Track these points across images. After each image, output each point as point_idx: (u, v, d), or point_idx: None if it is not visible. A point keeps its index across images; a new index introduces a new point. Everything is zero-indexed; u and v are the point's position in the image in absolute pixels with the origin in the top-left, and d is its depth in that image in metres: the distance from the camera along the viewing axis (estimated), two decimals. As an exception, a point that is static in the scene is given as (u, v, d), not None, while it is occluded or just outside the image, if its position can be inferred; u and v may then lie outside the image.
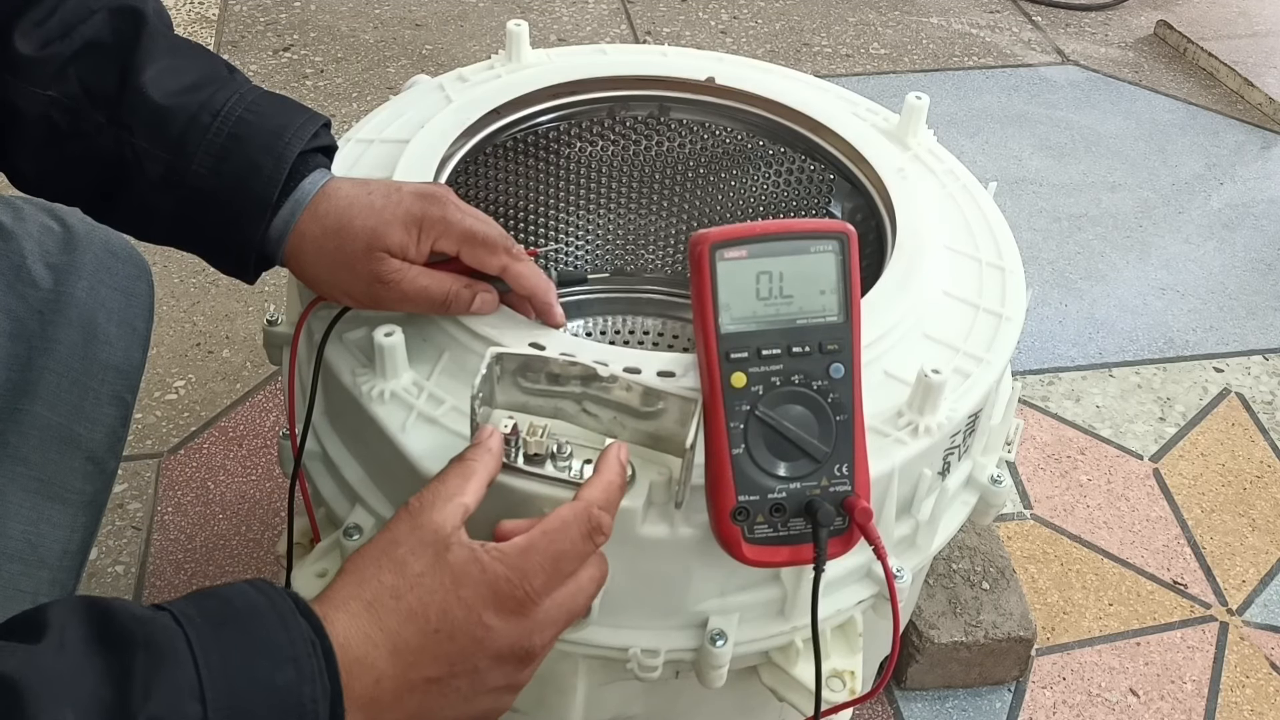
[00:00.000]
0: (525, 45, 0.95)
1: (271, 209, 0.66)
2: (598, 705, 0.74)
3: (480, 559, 0.52)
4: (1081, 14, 2.25)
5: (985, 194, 0.88)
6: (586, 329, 1.13)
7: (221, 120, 0.65)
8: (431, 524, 0.53)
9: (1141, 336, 1.51)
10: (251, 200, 0.65)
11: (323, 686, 0.47)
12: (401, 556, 0.52)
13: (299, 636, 0.47)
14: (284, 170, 0.65)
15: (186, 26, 1.98)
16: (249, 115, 0.66)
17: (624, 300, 1.13)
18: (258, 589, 0.49)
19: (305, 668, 0.46)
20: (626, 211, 1.08)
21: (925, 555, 0.74)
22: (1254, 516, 1.27)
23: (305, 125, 0.67)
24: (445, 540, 0.52)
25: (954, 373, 0.72)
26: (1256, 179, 1.83)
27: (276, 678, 0.46)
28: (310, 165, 0.68)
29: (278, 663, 0.46)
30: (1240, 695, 1.09)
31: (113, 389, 0.78)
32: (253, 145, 0.65)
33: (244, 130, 0.65)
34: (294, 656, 0.46)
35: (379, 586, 0.51)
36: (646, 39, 2.04)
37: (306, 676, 0.46)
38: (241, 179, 0.65)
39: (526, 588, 0.52)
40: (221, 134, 0.65)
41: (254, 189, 0.65)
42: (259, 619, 0.47)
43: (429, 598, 0.51)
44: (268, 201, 0.65)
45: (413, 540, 0.52)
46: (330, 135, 0.71)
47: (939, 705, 1.06)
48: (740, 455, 0.59)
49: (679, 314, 1.13)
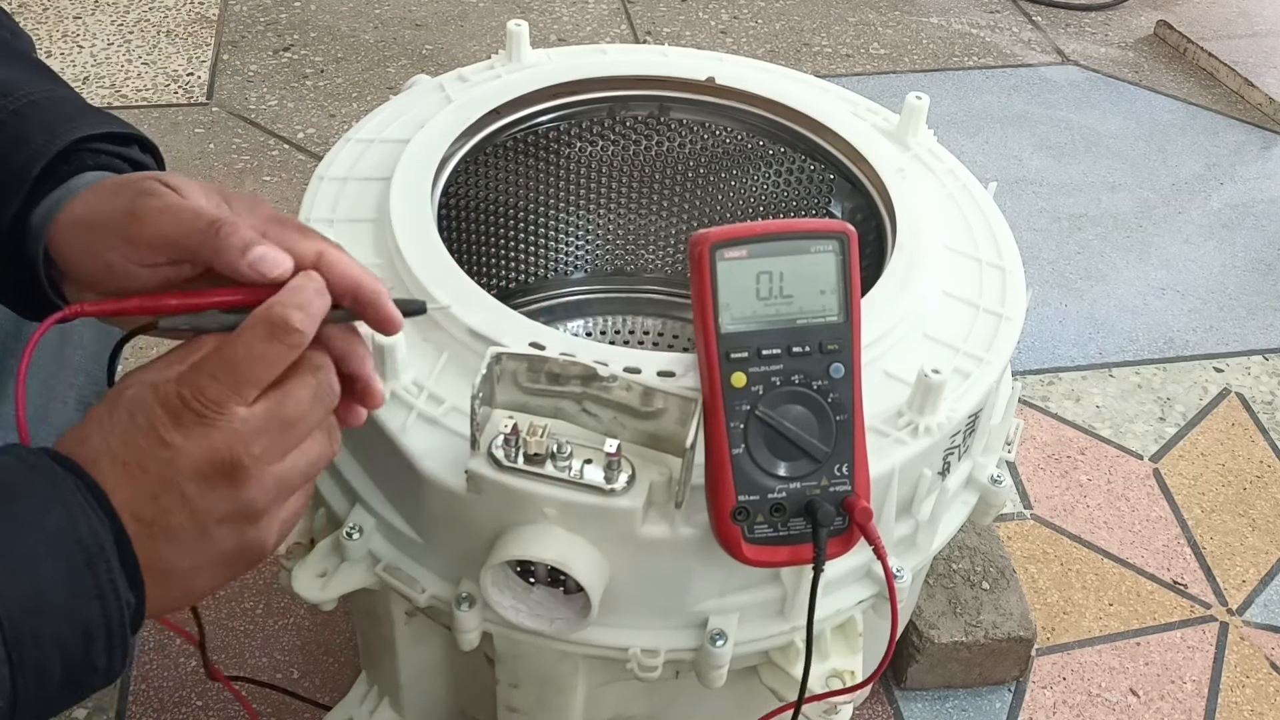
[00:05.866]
0: (525, 45, 0.95)
1: (30, 186, 0.56)
2: (598, 705, 0.74)
3: (152, 382, 0.47)
4: (1081, 14, 2.25)
5: (985, 194, 0.88)
6: (586, 329, 1.13)
7: (10, 100, 0.58)
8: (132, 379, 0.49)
9: (1141, 336, 1.51)
10: (8, 173, 0.56)
11: (99, 518, 0.45)
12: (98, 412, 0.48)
13: (56, 478, 0.45)
14: (55, 146, 0.57)
15: (186, 26, 1.98)
16: (44, 101, 0.59)
17: (624, 300, 1.13)
18: (7, 451, 0.46)
19: (73, 504, 0.44)
20: (626, 211, 1.08)
21: (925, 555, 0.74)
22: (1254, 516, 1.27)
23: (107, 125, 0.60)
24: (125, 383, 0.48)
25: (954, 373, 0.72)
26: (1256, 179, 1.83)
27: (46, 523, 0.44)
28: (105, 165, 0.59)
29: (45, 506, 0.44)
30: (1240, 695, 1.09)
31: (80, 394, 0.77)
32: (32, 122, 0.58)
33: (30, 111, 0.58)
34: (60, 497, 0.44)
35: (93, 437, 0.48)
36: (646, 39, 2.04)
37: (78, 513, 0.44)
38: (4, 153, 0.57)
39: (200, 396, 0.46)
40: (3, 111, 0.58)
41: (13, 162, 0.56)
42: (11, 473, 0.45)
43: (111, 436, 0.47)
44: (25, 176, 0.56)
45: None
46: (150, 159, 0.62)
47: (939, 705, 1.06)
48: (740, 455, 0.59)
49: (679, 314, 1.13)
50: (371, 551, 0.70)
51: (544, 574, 0.66)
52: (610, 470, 0.62)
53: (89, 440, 0.47)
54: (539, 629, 0.65)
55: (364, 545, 0.70)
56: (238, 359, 0.47)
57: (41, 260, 0.56)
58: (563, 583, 0.66)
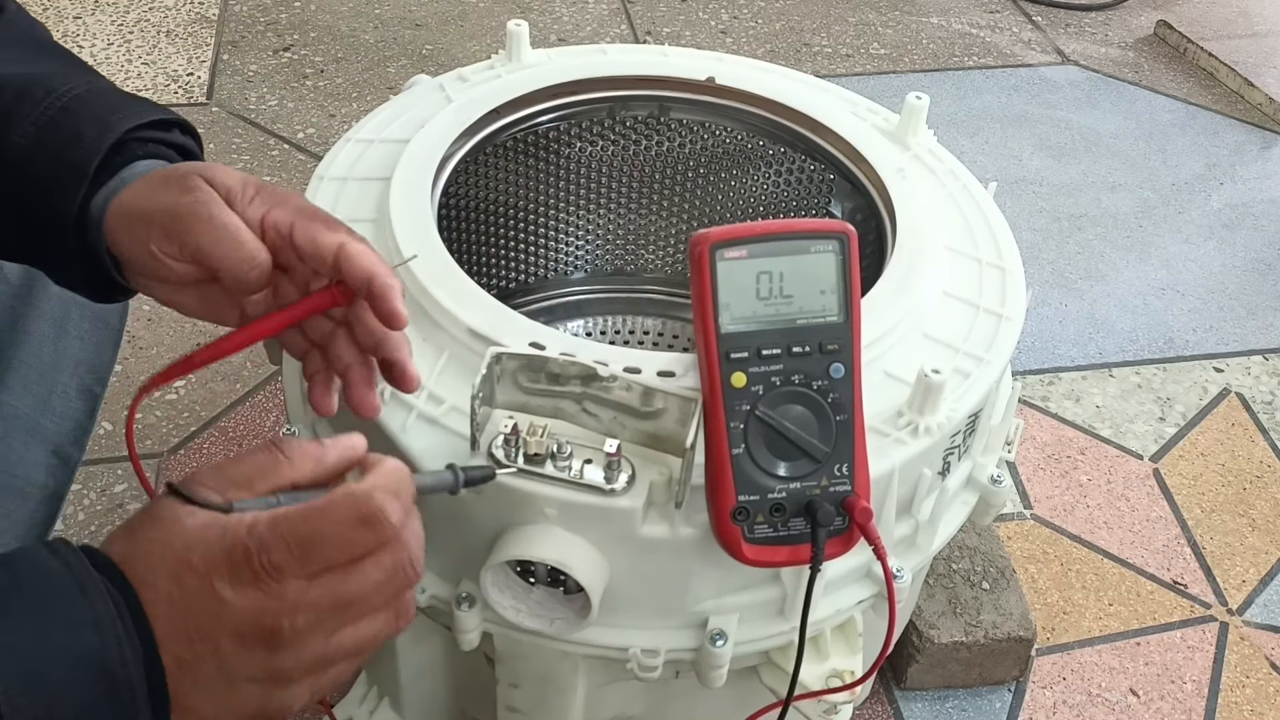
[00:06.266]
0: (525, 45, 0.95)
1: (89, 181, 0.58)
2: (598, 705, 0.74)
3: (223, 523, 0.45)
4: (1081, 14, 2.25)
5: (985, 194, 0.88)
6: (586, 329, 1.13)
7: (55, 97, 0.60)
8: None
9: (1141, 336, 1.51)
10: (67, 168, 0.58)
11: (134, 648, 0.43)
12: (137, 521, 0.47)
13: (98, 596, 0.43)
14: (109, 139, 0.58)
15: (186, 26, 1.98)
16: (87, 95, 0.60)
17: (624, 300, 1.13)
18: (52, 550, 0.44)
19: (109, 630, 0.42)
20: (626, 211, 1.08)
21: (925, 555, 0.74)
22: (1254, 516, 1.27)
23: (149, 113, 0.61)
24: (190, 508, 0.46)
25: (954, 373, 0.72)
26: (1256, 179, 1.83)
27: (75, 645, 0.42)
28: (153, 154, 0.61)
29: (75, 628, 0.42)
30: (1240, 695, 1.09)
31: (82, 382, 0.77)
32: (81, 117, 0.59)
33: (76, 106, 0.60)
34: (95, 620, 0.42)
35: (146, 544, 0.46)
36: (646, 39, 2.04)
37: (111, 639, 0.42)
38: (62, 149, 0.58)
39: (264, 559, 0.44)
40: (52, 108, 0.59)
41: (71, 157, 0.58)
42: (51, 581, 0.43)
43: (164, 563, 0.45)
44: (84, 170, 0.58)
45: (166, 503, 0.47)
46: (191, 141, 0.64)
47: (939, 705, 1.06)
48: (740, 455, 0.59)
49: (679, 314, 1.13)
50: (371, 551, 0.70)
51: (544, 574, 0.66)
52: (610, 470, 0.62)
53: (142, 559, 0.45)
54: (539, 629, 0.65)
55: (364, 545, 0.70)
56: (317, 537, 0.45)
57: (105, 248, 0.58)
58: (563, 583, 0.66)
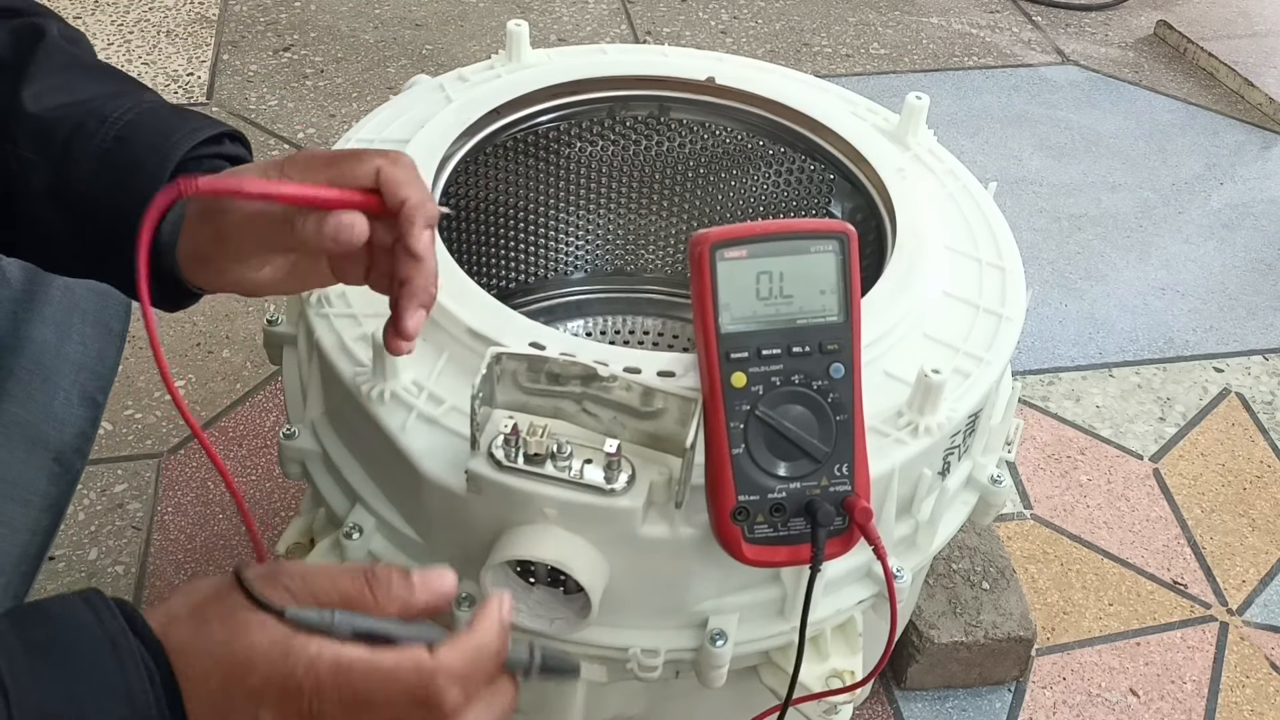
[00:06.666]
0: (525, 45, 0.95)
1: None
2: (598, 705, 0.74)
3: (287, 647, 0.45)
4: (1081, 14, 2.25)
5: (985, 194, 0.88)
6: (586, 329, 1.13)
7: (109, 125, 0.61)
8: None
9: (1141, 336, 1.51)
10: (132, 200, 0.59)
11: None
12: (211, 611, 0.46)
13: (133, 665, 0.42)
14: (169, 167, 0.60)
15: (186, 26, 1.98)
16: (138, 119, 0.62)
17: (624, 300, 1.13)
18: (89, 603, 0.44)
19: (140, 704, 0.42)
20: (626, 211, 1.08)
21: (925, 555, 0.74)
22: (1254, 516, 1.27)
23: (200, 129, 0.63)
24: (263, 616, 0.46)
25: (954, 373, 0.72)
26: (1256, 179, 1.83)
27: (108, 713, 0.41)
28: (210, 169, 0.62)
29: (105, 698, 0.41)
30: (1240, 695, 1.09)
31: (84, 389, 0.77)
32: (138, 145, 0.61)
33: (130, 133, 0.61)
34: (128, 692, 0.42)
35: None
36: (646, 39, 2.04)
37: (140, 714, 0.42)
38: (125, 179, 0.60)
39: (315, 703, 0.44)
40: (108, 139, 0.61)
41: (136, 187, 0.59)
42: (86, 641, 0.42)
43: (214, 668, 0.45)
44: (148, 198, 0.59)
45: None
46: (239, 148, 0.66)
47: (939, 705, 1.06)
48: (740, 455, 0.59)
49: (679, 314, 1.13)
50: (371, 551, 0.70)
51: (544, 574, 0.66)
52: (610, 470, 0.62)
53: (200, 659, 0.45)
54: (539, 629, 0.65)
55: (364, 545, 0.70)
56: (371, 701, 0.45)
57: (175, 264, 0.60)
58: (563, 583, 0.66)
